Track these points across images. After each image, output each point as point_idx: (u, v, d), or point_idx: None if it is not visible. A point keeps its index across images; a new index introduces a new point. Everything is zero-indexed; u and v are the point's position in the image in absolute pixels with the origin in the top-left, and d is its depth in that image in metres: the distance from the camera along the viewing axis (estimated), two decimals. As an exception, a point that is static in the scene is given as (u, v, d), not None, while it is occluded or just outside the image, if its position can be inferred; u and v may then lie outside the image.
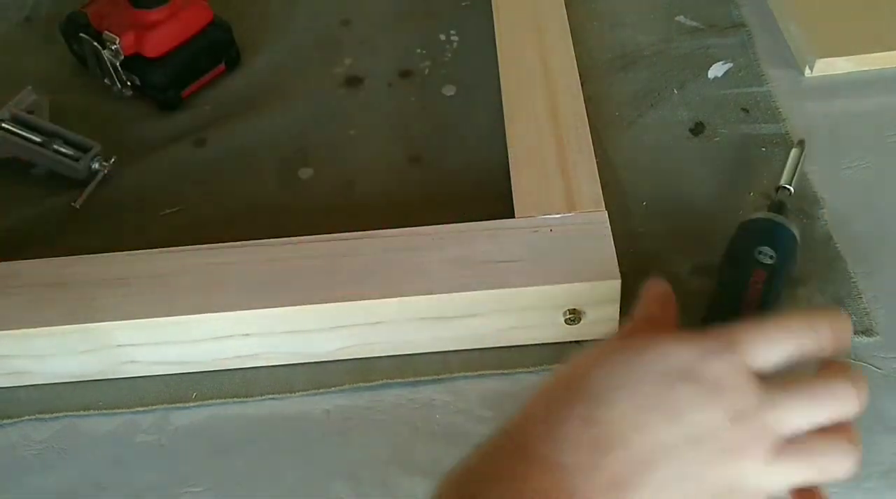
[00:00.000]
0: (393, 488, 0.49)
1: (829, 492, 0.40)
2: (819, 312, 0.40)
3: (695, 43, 0.71)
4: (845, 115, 0.65)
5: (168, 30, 0.69)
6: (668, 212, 0.60)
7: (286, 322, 0.52)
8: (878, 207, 0.59)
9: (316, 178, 0.65)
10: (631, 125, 0.66)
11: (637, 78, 0.69)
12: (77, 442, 0.53)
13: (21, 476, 0.51)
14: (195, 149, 0.68)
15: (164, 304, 0.51)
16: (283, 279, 0.52)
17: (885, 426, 0.49)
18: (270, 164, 0.66)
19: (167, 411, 0.53)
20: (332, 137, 0.68)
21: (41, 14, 0.82)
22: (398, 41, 0.75)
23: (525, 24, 0.61)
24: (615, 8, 0.75)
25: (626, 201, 0.61)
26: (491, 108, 0.62)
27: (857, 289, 0.55)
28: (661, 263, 0.57)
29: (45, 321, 0.51)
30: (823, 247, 0.57)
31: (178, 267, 0.53)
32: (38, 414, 0.54)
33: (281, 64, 0.75)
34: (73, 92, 0.73)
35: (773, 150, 0.63)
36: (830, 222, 0.59)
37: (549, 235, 0.53)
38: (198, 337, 0.52)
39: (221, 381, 0.54)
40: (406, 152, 0.66)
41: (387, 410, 0.53)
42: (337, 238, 0.54)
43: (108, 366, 0.54)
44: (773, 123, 0.65)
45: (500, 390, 0.53)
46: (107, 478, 0.51)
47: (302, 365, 0.54)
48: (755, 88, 0.68)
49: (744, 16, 0.73)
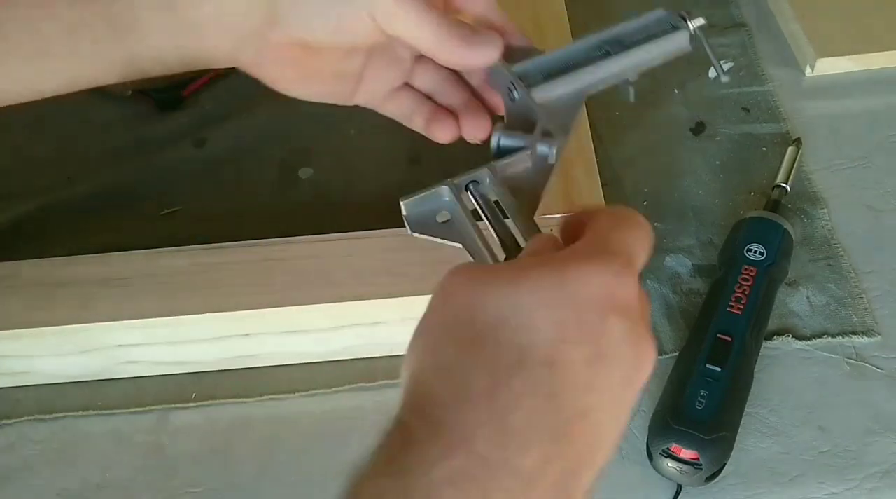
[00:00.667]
0: (393, 488, 0.49)
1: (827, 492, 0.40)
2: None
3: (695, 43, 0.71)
4: (846, 115, 0.65)
5: (168, 29, 0.68)
6: (669, 212, 0.60)
7: (286, 322, 0.51)
8: (878, 206, 0.59)
9: (316, 178, 0.65)
10: (631, 125, 0.66)
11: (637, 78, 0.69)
12: (77, 442, 0.53)
13: (21, 476, 0.51)
14: (195, 149, 0.68)
15: (164, 304, 0.51)
16: (283, 279, 0.52)
17: (885, 426, 0.49)
18: (270, 164, 0.66)
19: (167, 411, 0.53)
20: (332, 137, 0.68)
21: (41, 14, 0.82)
22: (398, 41, 0.75)
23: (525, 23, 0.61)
24: (615, 8, 0.75)
25: (626, 201, 0.60)
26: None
27: (857, 289, 0.55)
28: (661, 263, 0.57)
29: (45, 321, 0.51)
30: (823, 247, 0.57)
31: (178, 267, 0.53)
32: (38, 414, 0.53)
33: (281, 64, 0.74)
34: (73, 92, 0.73)
35: (774, 149, 0.63)
36: (830, 222, 0.59)
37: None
38: (198, 337, 0.52)
39: (221, 381, 0.54)
40: (406, 152, 0.66)
41: (387, 410, 0.52)
42: (337, 238, 0.54)
43: (108, 366, 0.54)
44: (773, 123, 0.65)
45: (501, 390, 0.53)
46: (107, 478, 0.51)
47: (302, 365, 0.54)
48: (755, 88, 0.68)
49: (744, 16, 0.73)
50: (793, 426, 0.50)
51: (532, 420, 0.30)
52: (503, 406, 0.30)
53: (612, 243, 0.34)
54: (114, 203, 0.65)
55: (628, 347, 0.32)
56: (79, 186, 0.66)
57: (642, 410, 0.51)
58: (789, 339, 0.53)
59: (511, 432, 0.30)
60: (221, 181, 0.65)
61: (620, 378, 0.32)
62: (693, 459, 0.46)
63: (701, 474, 0.46)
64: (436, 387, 0.31)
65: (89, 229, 0.63)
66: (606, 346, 0.31)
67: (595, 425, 0.31)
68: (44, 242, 0.61)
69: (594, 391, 0.31)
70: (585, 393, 0.31)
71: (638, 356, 0.32)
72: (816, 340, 0.53)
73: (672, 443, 0.46)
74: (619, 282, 0.32)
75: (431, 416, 0.30)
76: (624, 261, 0.33)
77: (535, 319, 0.31)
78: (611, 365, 0.31)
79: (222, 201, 0.64)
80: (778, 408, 0.51)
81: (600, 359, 0.31)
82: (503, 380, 0.30)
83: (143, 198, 0.65)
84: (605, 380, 0.31)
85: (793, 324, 0.54)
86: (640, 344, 0.32)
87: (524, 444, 0.30)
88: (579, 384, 0.31)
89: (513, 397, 0.30)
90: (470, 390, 0.30)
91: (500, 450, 0.29)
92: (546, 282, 0.32)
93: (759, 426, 0.50)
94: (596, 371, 0.31)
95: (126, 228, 0.63)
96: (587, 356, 0.31)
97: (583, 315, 0.31)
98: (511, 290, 0.32)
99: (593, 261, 0.32)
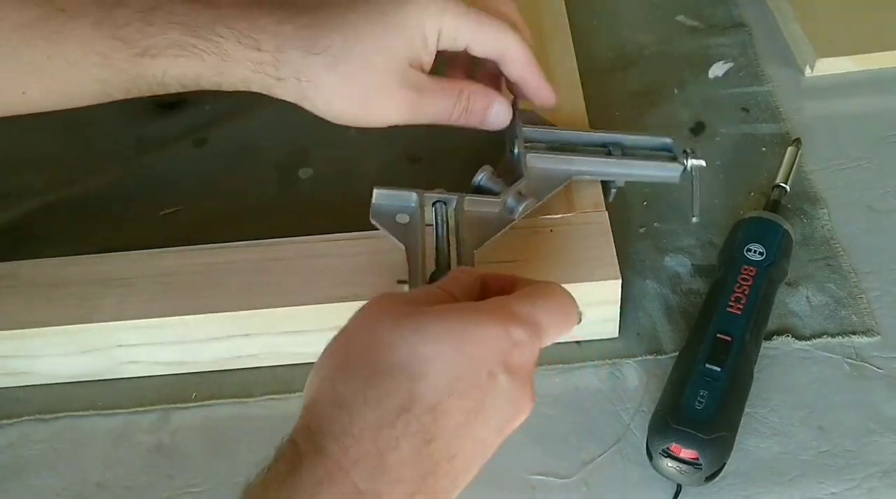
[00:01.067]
0: (393, 488, 0.49)
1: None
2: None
3: (695, 43, 0.71)
4: (845, 115, 0.65)
5: (168, 29, 0.68)
6: (669, 212, 0.60)
7: (286, 322, 0.51)
8: (878, 206, 0.60)
9: (316, 178, 0.65)
10: (631, 125, 0.66)
11: (637, 78, 0.69)
12: (77, 442, 0.53)
13: (21, 476, 0.51)
14: (195, 149, 0.68)
15: (164, 304, 0.51)
16: (283, 279, 0.52)
17: (885, 426, 0.49)
18: (270, 164, 0.66)
19: (167, 411, 0.53)
20: (332, 137, 0.67)
21: (41, 14, 0.82)
22: (398, 41, 0.75)
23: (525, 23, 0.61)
24: (615, 8, 0.75)
25: (626, 201, 0.60)
26: (491, 107, 0.62)
27: (857, 289, 0.55)
28: (661, 263, 0.57)
29: (45, 321, 0.51)
30: (823, 247, 0.57)
31: (178, 267, 0.53)
32: (38, 414, 0.53)
33: (281, 63, 0.74)
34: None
35: (774, 149, 0.63)
36: (830, 222, 0.59)
37: (549, 235, 0.53)
38: (198, 337, 0.52)
39: (221, 381, 0.54)
40: (406, 152, 0.66)
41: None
42: (337, 238, 0.54)
43: (108, 366, 0.54)
44: (773, 123, 0.65)
45: (500, 390, 0.53)
46: (107, 478, 0.51)
47: (302, 365, 0.54)
48: (755, 88, 0.68)
49: (744, 16, 0.73)
50: (792, 426, 0.50)
51: (407, 460, 0.33)
52: (384, 445, 0.33)
53: (523, 312, 0.37)
54: (114, 203, 0.65)
55: (509, 404, 0.36)
56: (79, 186, 0.66)
57: (642, 410, 0.51)
58: (789, 339, 0.53)
59: (386, 469, 0.33)
60: (221, 181, 0.65)
61: (494, 428, 0.36)
62: (693, 459, 0.46)
63: (701, 474, 0.46)
64: (328, 416, 0.34)
65: (89, 229, 0.63)
66: (489, 402, 0.35)
67: (461, 465, 0.35)
68: (44, 242, 0.61)
69: (467, 438, 0.35)
70: (458, 439, 0.35)
71: (516, 411, 0.37)
72: (816, 340, 0.53)
73: (672, 443, 0.46)
74: (516, 349, 0.36)
75: (320, 444, 0.33)
76: (529, 330, 0.37)
77: (429, 371, 0.34)
78: (488, 418, 0.35)
79: (222, 201, 0.64)
80: (778, 408, 0.51)
81: (480, 412, 0.35)
82: (389, 421, 0.33)
83: (143, 198, 0.65)
84: (480, 430, 0.35)
85: (792, 324, 0.54)
86: (521, 400, 0.36)
87: (397, 480, 0.33)
88: (455, 432, 0.34)
89: (394, 438, 0.33)
90: (357, 426, 0.33)
91: (374, 484, 0.33)
92: (448, 336, 0.35)
93: (758, 426, 0.50)
94: (473, 422, 0.35)
95: (126, 228, 0.63)
96: (469, 409, 0.35)
97: (474, 373, 0.35)
98: (416, 338, 0.35)
99: (497, 324, 0.36)
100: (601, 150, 0.56)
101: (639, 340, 0.54)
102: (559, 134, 0.57)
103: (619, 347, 0.54)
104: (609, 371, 0.53)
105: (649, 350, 0.53)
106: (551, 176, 0.55)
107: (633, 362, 0.53)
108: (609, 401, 0.52)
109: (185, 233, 0.58)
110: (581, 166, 0.55)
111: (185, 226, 0.62)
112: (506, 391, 0.36)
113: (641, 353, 0.53)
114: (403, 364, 0.34)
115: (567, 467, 0.49)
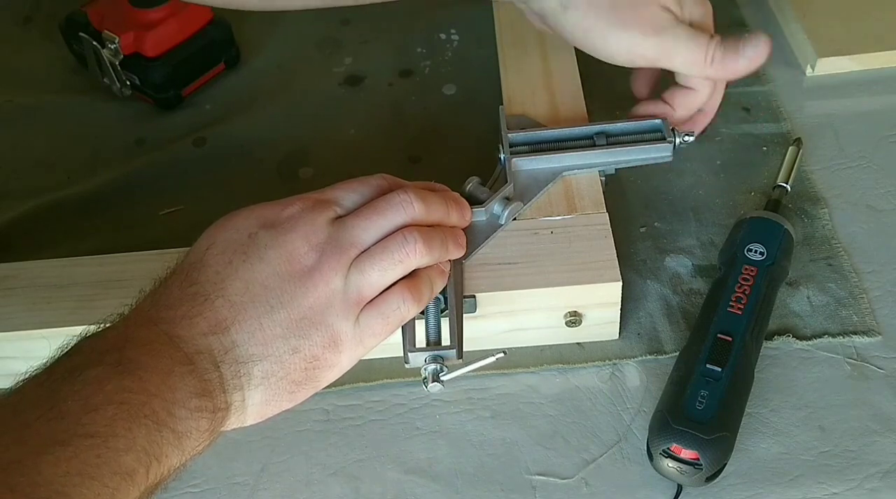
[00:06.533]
0: (392, 487, 0.49)
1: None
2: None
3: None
4: (846, 115, 0.65)
5: (168, 29, 0.68)
6: (669, 212, 0.60)
7: (286, 322, 0.51)
8: (879, 206, 0.59)
9: (316, 178, 0.65)
10: (631, 125, 0.65)
11: (637, 77, 0.69)
12: (77, 442, 0.52)
13: (21, 477, 0.51)
14: (195, 148, 0.68)
15: (164, 304, 0.51)
16: (284, 279, 0.52)
17: (886, 426, 0.49)
18: (270, 163, 0.66)
19: (167, 412, 0.53)
20: (332, 137, 0.68)
21: (41, 13, 0.82)
22: (398, 41, 0.75)
23: (526, 23, 0.61)
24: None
25: (626, 201, 0.60)
26: (491, 107, 0.62)
27: (858, 288, 0.55)
28: (661, 263, 0.57)
29: (45, 322, 0.51)
30: (824, 246, 0.57)
31: (178, 267, 0.53)
32: (38, 414, 0.53)
33: (281, 63, 0.75)
34: (73, 91, 0.73)
35: (775, 149, 0.63)
36: (831, 222, 0.58)
37: (549, 236, 0.53)
38: (198, 337, 0.52)
39: (221, 381, 0.54)
40: (406, 152, 0.66)
41: (387, 410, 0.53)
42: (337, 238, 0.54)
43: (108, 366, 0.54)
44: (774, 123, 0.65)
45: (501, 390, 0.53)
46: (107, 478, 0.51)
47: (302, 365, 0.54)
48: (756, 88, 0.67)
49: (744, 16, 0.73)
50: (793, 426, 0.50)
51: (177, 295, 0.43)
52: (163, 290, 0.43)
53: (316, 194, 0.47)
54: (114, 203, 0.65)
55: (274, 249, 0.43)
56: (79, 186, 0.66)
57: (643, 410, 0.51)
58: (790, 339, 0.53)
59: (167, 303, 0.42)
60: (221, 181, 0.65)
61: (268, 271, 0.43)
62: (693, 459, 0.46)
63: (701, 475, 0.46)
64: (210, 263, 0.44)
65: (89, 229, 0.63)
66: (253, 251, 0.43)
67: (235, 293, 0.42)
68: (44, 242, 0.61)
69: (234, 279, 0.43)
70: (223, 280, 0.43)
71: (289, 253, 0.43)
72: (817, 340, 0.53)
73: (672, 443, 0.46)
74: (284, 214, 0.45)
75: (192, 277, 0.43)
76: (306, 203, 0.45)
77: (200, 240, 0.45)
78: (255, 261, 0.43)
79: (222, 201, 0.63)
80: (778, 408, 0.51)
81: (246, 259, 0.43)
82: (172, 278, 0.44)
83: (143, 198, 0.65)
84: (247, 272, 0.43)
85: (793, 324, 0.54)
86: (288, 245, 0.43)
87: (170, 305, 0.42)
88: (218, 276, 0.43)
89: (167, 286, 0.43)
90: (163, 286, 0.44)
91: (158, 311, 0.42)
92: (224, 218, 0.46)
93: (759, 426, 0.50)
94: (240, 267, 0.43)
95: (126, 228, 0.63)
96: (228, 260, 0.43)
97: (234, 234, 0.44)
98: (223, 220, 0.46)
99: (274, 204, 0.46)
100: (587, 142, 0.57)
101: (639, 340, 0.54)
102: (545, 134, 0.58)
103: (619, 347, 0.54)
104: (610, 371, 0.53)
105: (650, 350, 0.53)
106: (539, 176, 0.56)
107: (634, 363, 0.53)
108: (610, 401, 0.52)
109: (185, 233, 0.57)
110: (567, 162, 0.56)
111: (185, 226, 0.62)
112: (267, 240, 0.43)
113: (642, 353, 0.53)
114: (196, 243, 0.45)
115: (568, 467, 0.49)
